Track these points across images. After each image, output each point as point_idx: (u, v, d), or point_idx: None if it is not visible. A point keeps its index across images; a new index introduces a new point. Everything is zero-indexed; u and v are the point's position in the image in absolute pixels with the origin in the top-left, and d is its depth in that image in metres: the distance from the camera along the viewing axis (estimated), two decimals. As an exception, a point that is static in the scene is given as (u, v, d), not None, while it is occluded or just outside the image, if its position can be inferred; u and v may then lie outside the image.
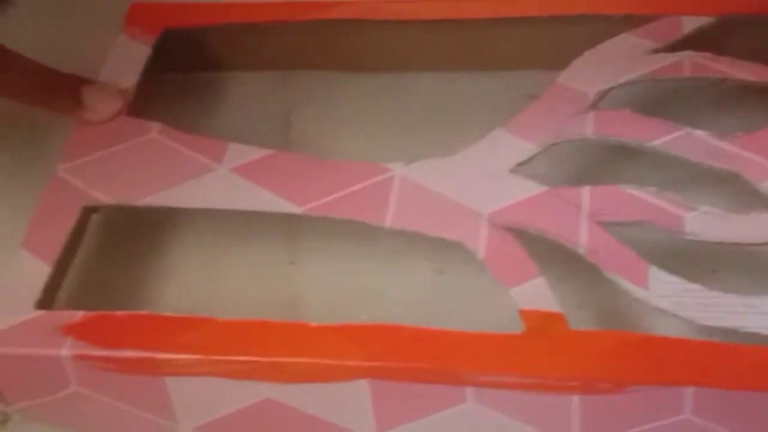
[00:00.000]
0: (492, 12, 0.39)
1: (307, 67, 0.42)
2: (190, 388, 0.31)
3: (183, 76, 0.43)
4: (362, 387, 0.30)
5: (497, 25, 0.39)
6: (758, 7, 0.36)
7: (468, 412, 0.30)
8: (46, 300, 0.33)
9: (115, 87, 0.39)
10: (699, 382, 0.28)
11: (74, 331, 0.31)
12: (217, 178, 0.35)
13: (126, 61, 0.40)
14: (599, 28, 0.37)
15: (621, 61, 0.36)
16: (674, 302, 0.29)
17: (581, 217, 0.32)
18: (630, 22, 0.37)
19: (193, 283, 0.36)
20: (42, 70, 0.38)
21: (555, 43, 0.38)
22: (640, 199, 0.32)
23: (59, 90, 0.38)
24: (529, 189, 0.33)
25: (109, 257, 0.37)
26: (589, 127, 0.34)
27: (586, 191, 0.32)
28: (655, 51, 0.36)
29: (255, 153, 0.36)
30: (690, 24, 0.37)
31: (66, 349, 0.31)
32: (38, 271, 0.33)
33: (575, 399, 0.29)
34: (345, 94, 0.41)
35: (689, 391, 0.28)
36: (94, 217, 0.36)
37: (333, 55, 0.41)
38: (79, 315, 0.32)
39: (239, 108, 0.42)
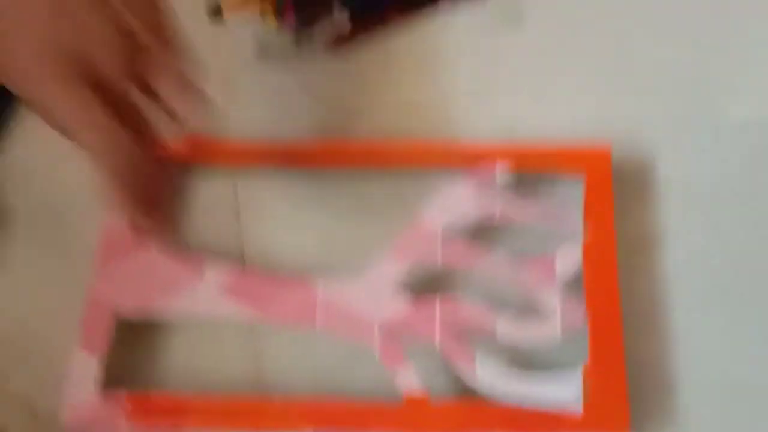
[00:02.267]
0: (371, 165, 0.47)
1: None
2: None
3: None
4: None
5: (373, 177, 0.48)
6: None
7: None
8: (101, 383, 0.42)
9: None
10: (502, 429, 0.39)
11: (124, 407, 0.41)
12: (198, 291, 0.44)
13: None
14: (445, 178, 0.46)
15: (456, 206, 0.45)
16: (490, 382, 0.40)
17: (436, 324, 0.42)
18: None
19: (187, 362, 0.45)
20: None
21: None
22: (470, 310, 0.42)
23: None
24: (401, 303, 0.43)
25: (129, 347, 0.45)
26: (437, 256, 0.44)
27: (437, 305, 0.42)
28: (477, 198, 0.45)
29: (224, 269, 0.44)
30: (501, 175, 0.46)
31: (121, 421, 0.40)
32: (93, 366, 0.42)
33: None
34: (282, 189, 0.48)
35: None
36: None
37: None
38: (126, 394, 0.41)
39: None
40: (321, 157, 0.48)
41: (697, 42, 0.52)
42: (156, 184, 0.38)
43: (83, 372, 0.42)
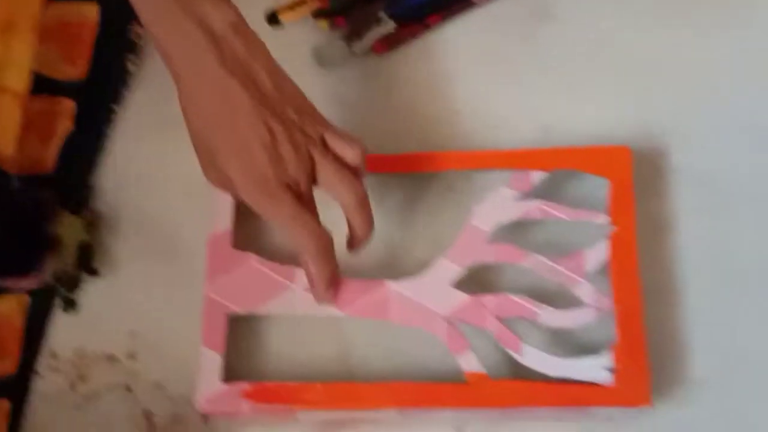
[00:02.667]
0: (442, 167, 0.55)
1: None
2: (305, 416, 0.52)
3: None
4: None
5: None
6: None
7: (441, 411, 0.51)
8: (226, 375, 0.52)
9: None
10: (548, 403, 0.49)
11: (245, 395, 0.51)
12: (293, 294, 0.53)
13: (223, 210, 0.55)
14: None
15: (501, 207, 0.53)
16: (535, 363, 0.50)
17: (489, 315, 0.51)
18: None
19: (284, 353, 0.55)
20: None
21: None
22: (517, 302, 0.51)
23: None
24: (461, 298, 0.52)
25: (238, 342, 0.55)
26: (488, 255, 0.53)
27: (490, 299, 0.52)
28: (518, 199, 0.53)
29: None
30: (537, 176, 0.54)
31: (244, 405, 0.51)
32: (216, 359, 0.52)
33: (495, 411, 0.50)
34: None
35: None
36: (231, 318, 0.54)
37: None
38: (246, 384, 0.51)
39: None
40: (379, 164, 0.56)
41: (707, 38, 0.58)
42: None
43: (208, 365, 0.52)
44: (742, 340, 0.52)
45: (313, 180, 0.48)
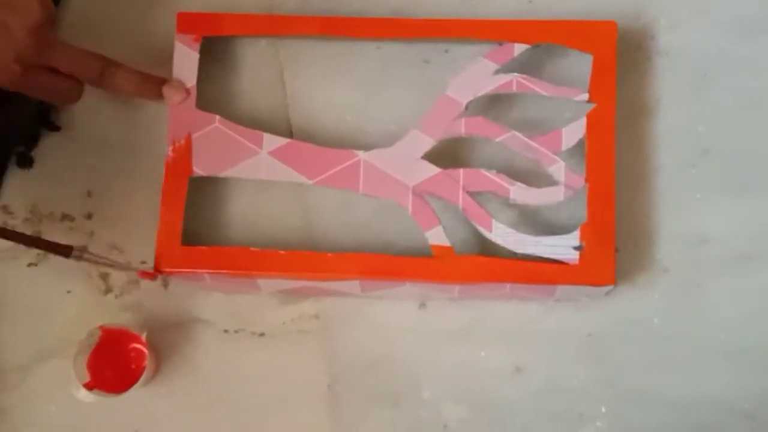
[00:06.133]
0: (418, 34, 0.53)
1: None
2: (266, 284, 0.50)
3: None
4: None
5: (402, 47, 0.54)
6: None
7: (404, 286, 0.50)
8: (186, 239, 0.50)
9: (182, 83, 0.52)
10: (513, 279, 0.49)
11: (204, 258, 0.50)
12: (259, 159, 0.51)
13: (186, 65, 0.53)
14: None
15: (478, 79, 0.51)
16: (503, 239, 0.49)
17: (459, 189, 0.50)
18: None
19: (246, 216, 0.53)
20: (140, 75, 0.51)
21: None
22: (489, 178, 0.50)
23: (150, 86, 0.52)
24: (431, 170, 0.50)
25: (200, 206, 0.53)
26: (461, 128, 0.51)
27: (461, 172, 0.50)
28: (497, 72, 0.51)
29: (280, 141, 0.51)
30: (518, 49, 0.51)
31: (202, 269, 0.49)
32: (175, 222, 0.50)
33: (456, 287, 0.49)
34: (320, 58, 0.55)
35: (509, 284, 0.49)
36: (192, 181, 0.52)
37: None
38: (205, 248, 0.50)
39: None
40: (351, 27, 0.53)
41: None
42: None
43: (167, 227, 0.50)
44: (706, 228, 0.52)
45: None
